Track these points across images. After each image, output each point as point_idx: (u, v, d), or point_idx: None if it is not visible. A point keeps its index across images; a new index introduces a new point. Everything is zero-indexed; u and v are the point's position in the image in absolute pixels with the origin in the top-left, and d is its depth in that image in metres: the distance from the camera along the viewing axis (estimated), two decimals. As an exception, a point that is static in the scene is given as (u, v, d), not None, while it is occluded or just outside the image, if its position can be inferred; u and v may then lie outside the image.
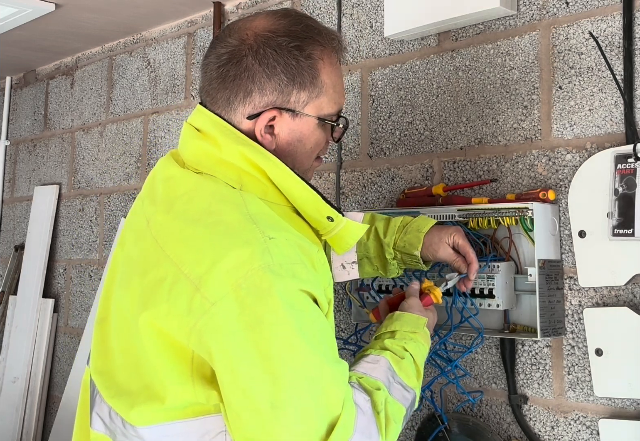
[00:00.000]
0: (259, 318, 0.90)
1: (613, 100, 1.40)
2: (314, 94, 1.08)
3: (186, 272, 0.94)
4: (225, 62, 1.06)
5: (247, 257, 0.92)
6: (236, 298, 0.90)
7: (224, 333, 0.91)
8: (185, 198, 1.03)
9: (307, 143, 1.11)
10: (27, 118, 3.21)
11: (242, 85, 1.05)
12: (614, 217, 1.34)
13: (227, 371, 0.92)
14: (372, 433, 0.98)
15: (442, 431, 1.55)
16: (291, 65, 1.05)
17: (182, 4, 2.29)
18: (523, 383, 1.49)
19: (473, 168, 1.61)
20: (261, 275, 0.91)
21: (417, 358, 1.14)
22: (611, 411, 1.37)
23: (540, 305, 1.37)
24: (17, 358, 2.88)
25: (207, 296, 0.91)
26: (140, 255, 1.03)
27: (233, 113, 1.07)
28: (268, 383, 0.90)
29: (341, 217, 1.08)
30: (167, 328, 0.94)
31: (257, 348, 0.90)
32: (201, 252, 0.94)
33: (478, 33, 1.63)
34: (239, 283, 0.91)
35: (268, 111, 1.06)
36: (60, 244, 2.90)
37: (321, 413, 0.93)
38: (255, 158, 1.03)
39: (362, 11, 1.87)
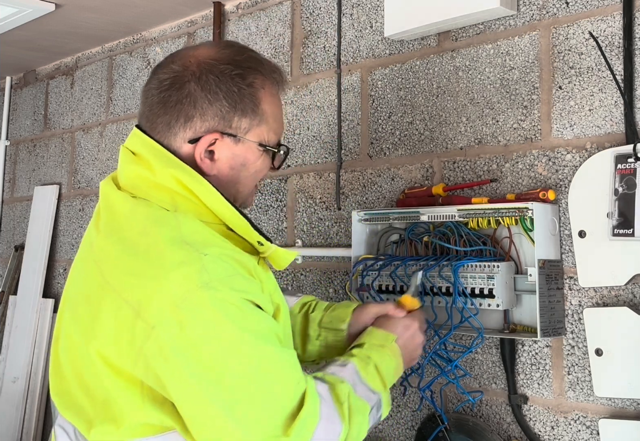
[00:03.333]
0: (199, 334, 0.93)
1: (613, 100, 1.40)
2: (255, 122, 1.09)
3: (126, 298, 0.96)
4: (167, 87, 1.07)
5: (184, 278, 0.94)
6: (175, 320, 0.92)
7: (166, 355, 0.93)
8: (122, 223, 1.05)
9: (250, 168, 1.12)
10: (27, 118, 3.21)
11: (183, 110, 1.06)
12: (614, 217, 1.34)
13: (177, 390, 0.94)
14: (335, 420, 1.01)
15: (442, 431, 1.55)
16: (233, 92, 1.06)
17: (182, 4, 2.29)
18: (523, 383, 1.49)
19: (473, 168, 1.61)
20: (199, 294, 0.93)
21: (380, 367, 1.15)
22: (611, 411, 1.37)
23: (540, 305, 1.37)
24: (17, 358, 2.88)
25: (148, 320, 0.93)
26: (84, 281, 1.05)
27: (173, 138, 1.07)
28: (217, 391, 0.93)
29: (269, 244, 1.09)
30: (115, 356, 0.97)
31: (200, 362, 0.93)
32: (139, 278, 0.96)
33: (478, 33, 1.63)
34: (177, 304, 0.93)
35: (209, 134, 1.07)
36: (60, 244, 2.90)
37: (279, 406, 0.96)
38: (186, 181, 1.04)
39: (362, 11, 1.87)
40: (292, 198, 2.00)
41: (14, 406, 2.83)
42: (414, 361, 1.29)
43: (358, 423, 1.05)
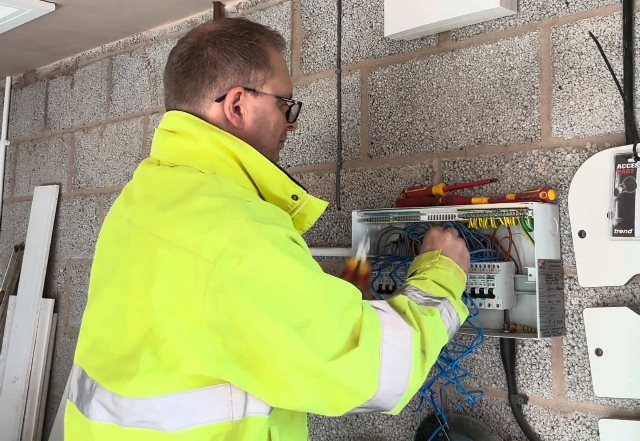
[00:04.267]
0: (258, 262, 0.97)
1: (613, 100, 1.40)
2: (269, 74, 1.20)
3: (182, 245, 1.00)
4: (187, 57, 1.19)
5: (232, 215, 1.01)
6: (232, 252, 0.97)
7: (230, 286, 0.96)
8: (163, 189, 1.11)
9: (270, 121, 1.22)
10: (27, 118, 3.21)
11: (206, 72, 1.17)
12: (614, 217, 1.34)
13: (248, 317, 0.96)
14: (401, 325, 1.04)
15: (442, 431, 1.55)
16: (245, 48, 1.18)
17: (182, 4, 2.29)
18: (523, 383, 1.49)
19: (473, 168, 1.61)
20: (248, 226, 0.99)
21: (439, 279, 1.23)
22: (611, 411, 1.37)
23: (540, 305, 1.37)
24: (17, 358, 2.88)
25: (207, 257, 0.97)
26: (128, 251, 1.08)
27: (202, 101, 1.18)
28: (283, 312, 0.96)
29: (306, 194, 1.18)
30: (180, 298, 0.98)
31: (262, 288, 0.97)
32: (190, 226, 1.01)
33: (478, 33, 1.63)
34: (231, 238, 0.98)
35: (233, 89, 1.17)
36: (60, 244, 2.90)
37: (341, 321, 0.99)
38: (227, 143, 1.13)
39: (362, 11, 1.87)
40: (292, 198, 2.00)
41: (14, 406, 2.83)
42: (468, 264, 1.37)
43: (430, 325, 1.08)
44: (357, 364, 0.98)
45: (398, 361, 1.02)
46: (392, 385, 1.01)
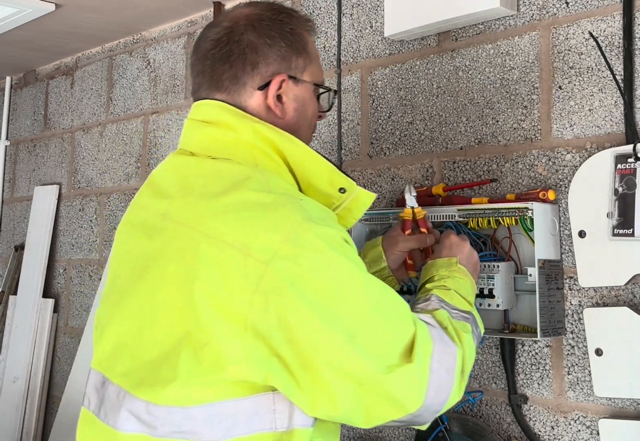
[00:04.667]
0: (313, 264, 0.93)
1: (613, 100, 1.40)
2: (308, 61, 1.14)
3: (229, 241, 0.93)
4: (226, 42, 1.10)
5: (287, 214, 0.95)
6: (286, 253, 0.92)
7: (284, 288, 0.91)
8: (204, 180, 1.03)
9: (308, 110, 1.16)
10: (27, 118, 3.21)
11: (247, 59, 1.09)
12: (614, 217, 1.34)
13: (298, 321, 0.92)
14: (448, 342, 1.03)
15: (442, 431, 1.54)
16: (286, 32, 1.12)
17: (182, 4, 2.29)
18: (523, 383, 1.49)
19: (473, 168, 1.61)
20: (304, 226, 0.94)
21: (459, 290, 1.20)
22: (611, 411, 1.37)
23: (540, 305, 1.36)
24: (17, 358, 2.88)
25: (259, 258, 0.91)
26: (165, 246, 1.00)
27: (242, 89, 1.10)
28: (338, 318, 0.93)
29: (355, 185, 1.11)
30: (226, 298, 0.92)
31: (317, 292, 0.93)
32: (238, 221, 0.95)
33: (478, 33, 1.63)
34: (286, 238, 0.92)
35: (277, 76, 1.10)
36: (60, 244, 2.90)
37: (396, 332, 0.97)
38: (270, 134, 1.06)
39: (362, 11, 1.87)
40: (292, 198, 2.00)
41: (14, 406, 2.83)
42: (478, 268, 1.36)
43: (467, 342, 1.07)
44: (410, 379, 0.96)
45: (444, 379, 1.00)
46: (434, 402, 0.99)
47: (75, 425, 1.10)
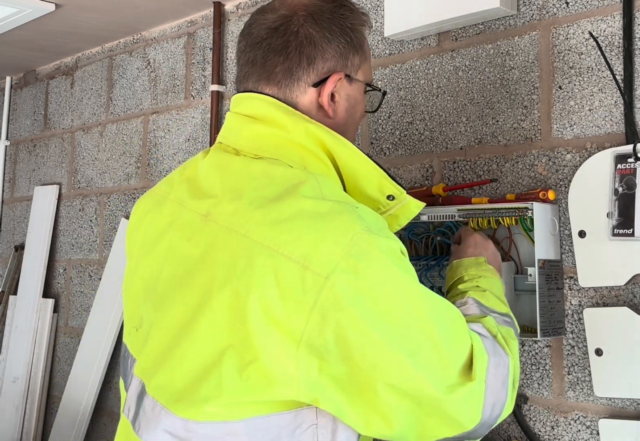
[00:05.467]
0: (375, 279, 0.88)
1: (613, 100, 1.40)
2: (363, 59, 1.09)
3: (286, 253, 0.87)
4: (283, 33, 1.03)
5: (347, 225, 0.89)
6: (347, 266, 0.87)
7: (344, 304, 0.86)
8: (254, 183, 0.97)
9: (358, 110, 1.11)
10: (27, 118, 3.21)
11: (304, 52, 1.03)
12: (614, 217, 1.34)
13: (358, 338, 0.87)
14: (500, 352, 0.99)
15: (442, 431, 1.54)
16: (347, 28, 1.05)
17: (182, 4, 2.29)
18: (523, 383, 1.49)
19: (473, 168, 1.61)
20: (365, 238, 0.89)
21: (493, 290, 1.14)
22: (611, 411, 1.37)
23: (540, 305, 1.37)
24: (17, 358, 2.88)
25: (319, 271, 0.86)
26: (210, 250, 0.94)
27: (296, 85, 1.04)
28: (399, 335, 0.89)
29: (405, 194, 1.05)
30: (281, 311, 0.87)
31: (378, 307, 0.88)
32: (296, 231, 0.89)
33: (478, 33, 1.63)
34: (347, 251, 0.87)
35: (335, 74, 1.04)
36: (60, 244, 2.90)
37: (457, 349, 0.94)
38: (322, 136, 1.01)
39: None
40: (292, 198, 2.00)
41: (14, 406, 2.83)
42: (501, 267, 1.32)
43: (515, 349, 1.03)
44: (470, 397, 0.92)
45: (498, 393, 0.96)
46: (490, 417, 0.96)
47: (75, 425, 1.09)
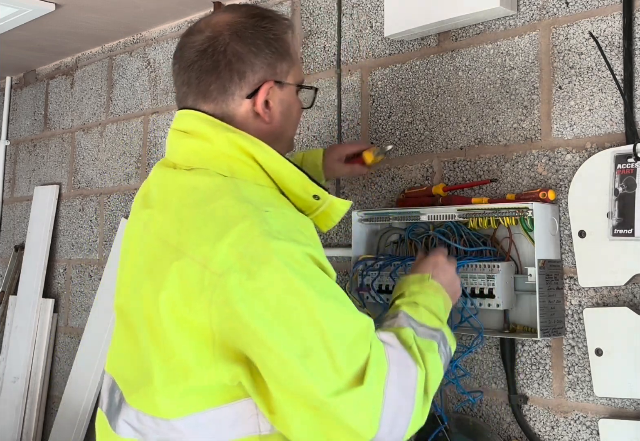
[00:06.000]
0: (266, 281, 0.93)
1: (613, 100, 1.40)
2: (291, 63, 1.17)
3: (192, 255, 0.97)
4: (211, 54, 1.11)
5: (247, 228, 0.96)
6: (241, 267, 0.93)
7: (235, 302, 0.93)
8: (180, 193, 1.07)
9: (293, 111, 1.19)
10: (27, 118, 3.21)
11: (234, 69, 1.11)
12: (614, 217, 1.34)
13: (250, 336, 0.94)
14: (409, 363, 0.99)
15: (442, 431, 1.54)
16: (270, 39, 1.13)
17: (182, 4, 2.29)
18: (523, 383, 1.49)
19: (473, 168, 1.61)
20: (262, 241, 0.95)
21: (430, 306, 1.16)
22: (611, 411, 1.37)
23: (540, 305, 1.37)
24: (17, 358, 2.88)
25: (215, 270, 0.94)
26: (146, 259, 1.06)
27: (231, 99, 1.12)
28: (288, 337, 0.93)
29: (327, 194, 1.13)
30: (187, 312, 0.97)
31: (268, 308, 0.93)
32: (203, 234, 0.98)
33: (478, 33, 1.63)
34: (242, 252, 0.94)
35: (265, 84, 1.12)
36: (60, 244, 2.90)
37: (351, 354, 0.94)
38: (243, 144, 1.08)
39: (362, 11, 1.87)
40: (292, 198, 2.00)
41: (14, 406, 2.83)
42: (458, 294, 1.31)
43: (432, 362, 1.03)
44: (360, 403, 0.93)
45: (401, 403, 0.96)
46: (393, 428, 0.95)
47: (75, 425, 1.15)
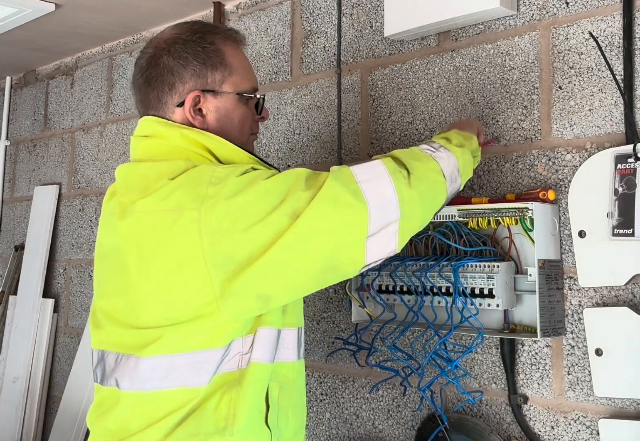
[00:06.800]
0: (233, 190, 1.07)
1: (613, 100, 1.40)
2: (227, 73, 1.24)
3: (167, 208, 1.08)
4: (146, 67, 1.24)
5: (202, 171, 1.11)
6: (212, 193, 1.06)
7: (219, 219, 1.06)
8: (142, 176, 1.17)
9: (234, 117, 1.26)
10: (27, 118, 3.21)
11: (165, 80, 1.22)
12: (614, 217, 1.34)
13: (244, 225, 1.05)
14: (372, 162, 1.15)
15: (442, 431, 1.55)
16: (198, 52, 1.22)
17: (182, 4, 2.29)
18: (523, 383, 1.49)
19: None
20: (218, 170, 1.10)
21: (454, 140, 1.29)
22: (611, 411, 1.37)
23: (540, 305, 1.37)
24: (17, 358, 2.88)
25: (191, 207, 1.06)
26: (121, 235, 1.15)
27: (165, 108, 1.23)
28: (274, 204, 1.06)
29: (276, 172, 1.20)
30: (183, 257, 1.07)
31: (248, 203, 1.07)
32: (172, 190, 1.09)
33: (478, 33, 1.63)
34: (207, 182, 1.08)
35: (191, 93, 1.22)
36: (60, 244, 2.90)
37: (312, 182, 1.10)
38: (196, 137, 1.19)
39: (362, 11, 1.87)
40: (292, 198, 2.00)
41: (14, 406, 2.83)
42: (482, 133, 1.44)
43: (404, 153, 1.20)
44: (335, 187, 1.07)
45: (374, 177, 1.10)
46: (380, 200, 1.08)
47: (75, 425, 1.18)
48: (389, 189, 1.10)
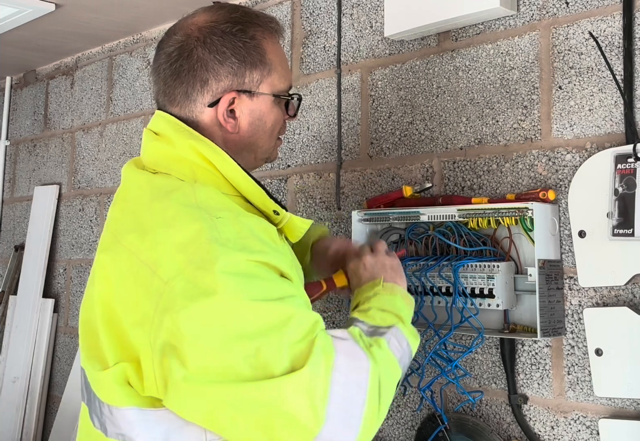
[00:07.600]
0: (208, 289, 0.91)
1: (613, 100, 1.40)
2: (265, 72, 1.12)
3: (144, 259, 0.96)
4: (177, 58, 1.10)
5: (194, 235, 0.95)
6: (187, 275, 0.92)
7: (178, 309, 0.91)
8: (136, 194, 1.08)
9: (267, 121, 1.15)
10: (27, 118, 3.21)
11: (197, 75, 1.09)
12: (614, 217, 1.34)
13: (190, 343, 0.91)
14: (360, 356, 0.95)
15: (442, 431, 1.55)
16: (239, 48, 1.10)
17: (182, 4, 2.29)
18: (523, 383, 1.49)
19: (473, 168, 1.61)
20: (207, 248, 0.93)
21: (384, 307, 1.11)
22: (611, 411, 1.37)
23: (540, 305, 1.37)
24: (17, 358, 2.88)
25: (162, 276, 0.93)
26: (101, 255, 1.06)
27: (193, 105, 1.11)
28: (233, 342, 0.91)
29: (284, 212, 1.11)
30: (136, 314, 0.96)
31: (212, 315, 0.91)
32: (153, 238, 0.97)
33: (478, 33, 1.63)
34: (189, 259, 0.93)
35: (227, 94, 1.10)
36: (60, 244, 2.90)
37: (290, 351, 0.91)
38: (203, 151, 1.07)
39: (362, 11, 1.87)
40: (292, 198, 2.00)
41: (14, 406, 2.83)
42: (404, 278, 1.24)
43: (382, 358, 0.98)
44: (300, 388, 0.88)
45: (351, 394, 0.91)
46: (343, 422, 0.90)
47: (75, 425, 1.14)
48: (357, 419, 0.91)
